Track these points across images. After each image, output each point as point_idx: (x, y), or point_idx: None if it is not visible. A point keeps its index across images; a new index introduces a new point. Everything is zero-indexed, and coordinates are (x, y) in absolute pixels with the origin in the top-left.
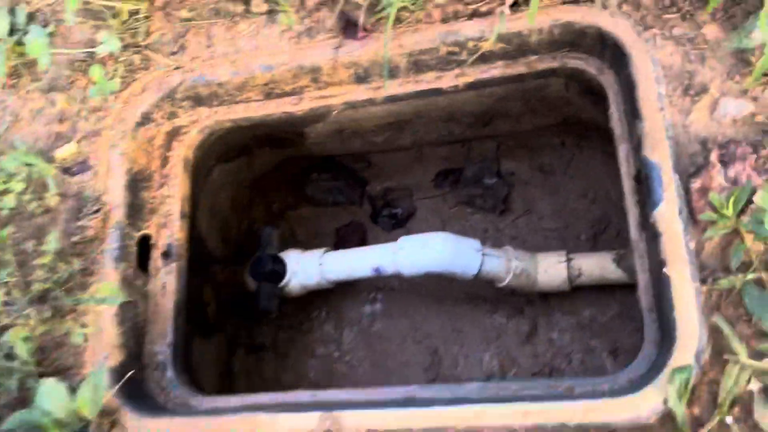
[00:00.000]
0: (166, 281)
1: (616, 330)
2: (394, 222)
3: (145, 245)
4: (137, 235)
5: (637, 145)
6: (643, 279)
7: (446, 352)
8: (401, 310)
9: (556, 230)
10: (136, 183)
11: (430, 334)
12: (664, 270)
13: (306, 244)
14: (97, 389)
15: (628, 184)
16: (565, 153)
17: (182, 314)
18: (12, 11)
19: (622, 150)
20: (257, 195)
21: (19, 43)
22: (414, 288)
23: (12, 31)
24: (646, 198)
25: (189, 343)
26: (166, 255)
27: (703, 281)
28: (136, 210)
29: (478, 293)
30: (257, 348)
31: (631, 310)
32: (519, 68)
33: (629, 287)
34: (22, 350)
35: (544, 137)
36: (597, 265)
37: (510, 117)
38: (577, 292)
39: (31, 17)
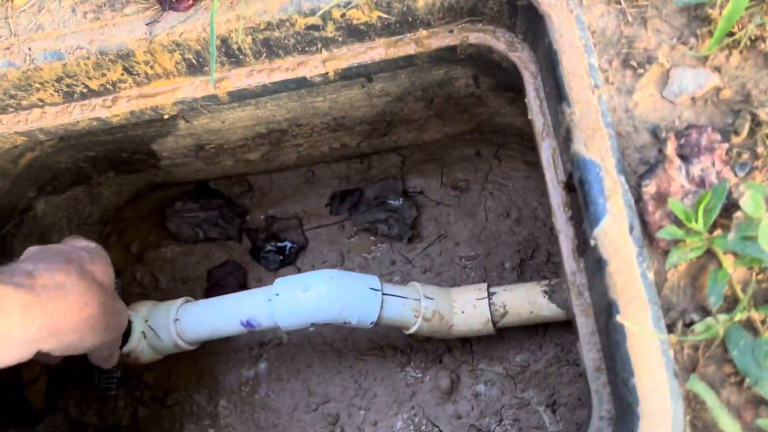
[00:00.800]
0: None
1: (553, 377)
2: (281, 258)
3: None
4: None
5: (565, 139)
6: (584, 327)
7: (350, 419)
8: (292, 370)
9: (476, 258)
10: None
11: (329, 398)
12: (616, 318)
13: (170, 292)
14: None
15: (556, 195)
16: (482, 165)
17: None
18: None
19: (546, 148)
20: (111, 234)
21: None
22: (306, 340)
23: None
24: (583, 211)
25: None
26: None
27: (670, 328)
28: None
29: (386, 342)
30: (111, 430)
31: (570, 352)
32: (406, 48)
33: (565, 323)
34: None
35: (456, 148)
36: (525, 300)
37: (412, 124)
38: (504, 332)
39: None
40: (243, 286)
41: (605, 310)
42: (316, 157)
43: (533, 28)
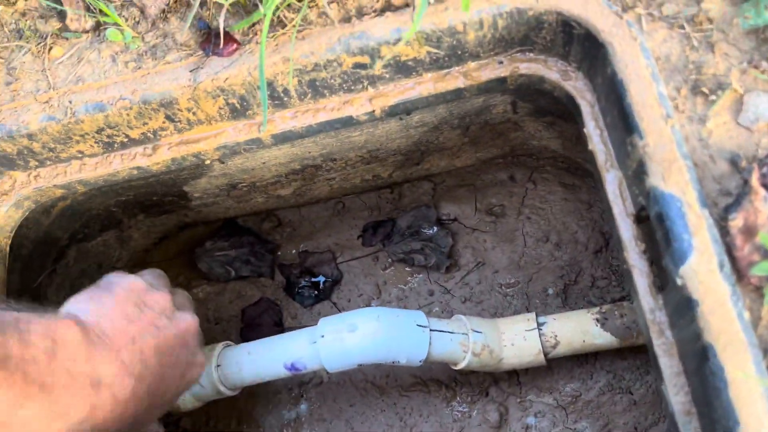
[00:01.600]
0: None
1: (607, 406)
2: (316, 293)
3: None
4: None
5: (636, 171)
6: (669, 368)
7: None
8: (334, 410)
9: (517, 285)
10: None
11: None
12: (715, 360)
13: (205, 334)
14: None
15: (626, 229)
16: (517, 189)
17: None
18: None
19: (612, 180)
20: None
21: None
22: (347, 378)
23: None
24: (663, 248)
25: None
26: None
27: None
28: None
29: (430, 377)
30: None
31: (623, 380)
32: (455, 81)
33: (617, 351)
34: None
35: (489, 173)
36: (577, 330)
37: (446, 151)
38: (552, 361)
39: None
40: (278, 323)
41: (698, 354)
42: (347, 189)
43: (591, 57)
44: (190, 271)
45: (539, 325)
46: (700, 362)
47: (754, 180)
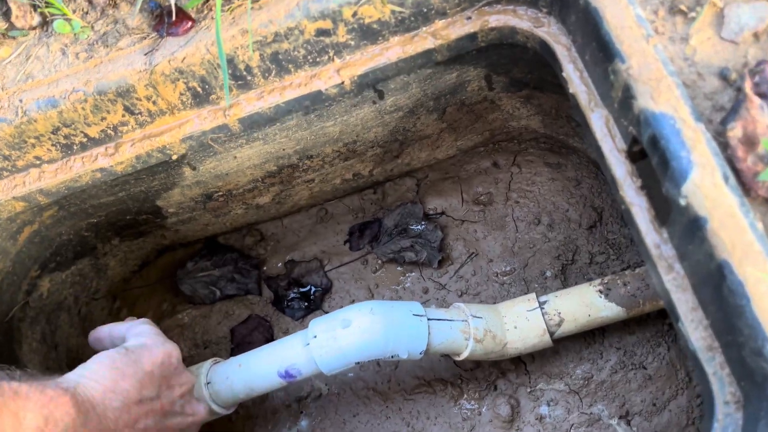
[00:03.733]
0: None
1: (621, 385)
2: (306, 304)
3: None
4: None
5: (622, 100)
6: (683, 303)
7: None
8: (337, 423)
9: (513, 272)
10: None
11: None
12: (733, 276)
13: (194, 359)
14: None
15: (619, 166)
16: (502, 176)
17: None
18: None
19: (597, 119)
20: (122, 308)
21: None
22: (347, 387)
23: None
24: (660, 173)
25: None
26: None
27: None
28: None
29: (433, 376)
30: None
31: (634, 355)
32: (424, 43)
33: (624, 324)
34: None
35: (471, 162)
36: (580, 304)
37: (425, 141)
38: (558, 344)
39: None
40: (270, 340)
41: (714, 276)
42: (328, 192)
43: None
44: (173, 296)
45: (541, 304)
46: (716, 285)
47: (748, 89)
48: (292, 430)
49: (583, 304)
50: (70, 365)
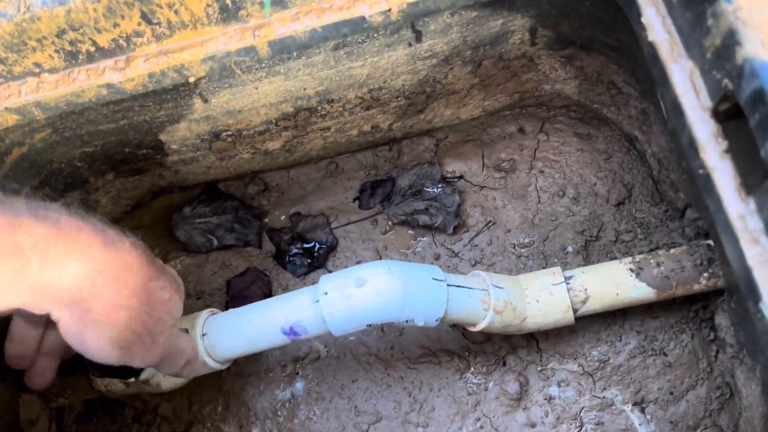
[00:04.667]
0: None
1: (638, 370)
2: (310, 261)
3: None
4: None
5: (720, 49)
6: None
7: None
8: (334, 387)
9: (532, 245)
10: None
11: (380, 417)
12: None
13: (186, 310)
14: None
15: (703, 127)
16: (527, 142)
17: None
18: None
19: (680, 71)
20: None
21: None
22: (348, 351)
23: None
24: (761, 134)
25: None
26: None
27: None
28: None
29: (439, 347)
30: None
31: (655, 340)
32: None
33: (646, 308)
34: None
35: (495, 126)
36: (609, 282)
37: (453, 96)
38: (576, 324)
39: None
40: (268, 295)
41: None
42: (342, 144)
43: None
44: (167, 242)
45: (566, 279)
46: None
47: None
48: (285, 391)
49: (613, 283)
50: None
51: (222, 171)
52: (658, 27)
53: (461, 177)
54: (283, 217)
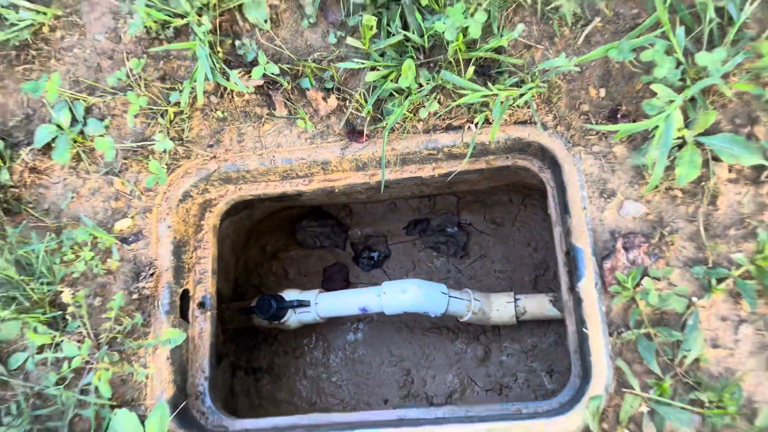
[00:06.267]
0: (203, 327)
1: (552, 354)
2: (373, 263)
3: (185, 298)
4: (179, 290)
5: (566, 232)
6: (570, 330)
7: (417, 373)
8: (379, 339)
9: (505, 272)
10: (179, 249)
11: (403, 358)
12: (585, 329)
13: (296, 282)
14: (163, 418)
15: (561, 258)
16: (513, 209)
17: (215, 353)
18: (72, 105)
19: (557, 232)
20: (252, 237)
21: (80, 132)
22: (390, 320)
23: (73, 121)
24: (573, 271)
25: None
26: (202, 305)
27: (611, 334)
28: (178, 271)
29: (443, 324)
30: (255, 370)
31: (564, 340)
32: (480, 164)
33: (562, 322)
34: (104, 389)
35: (496, 195)
36: (538, 305)
37: (468, 182)
38: (522, 324)
39: (88, 111)
40: (346, 280)
41: (581, 323)
42: (400, 196)
43: (553, 167)
44: (287, 238)
45: (515, 300)
46: (581, 327)
47: (619, 244)
48: (351, 335)
49: (540, 307)
50: (226, 269)
51: (327, 202)
52: (553, 209)
53: (470, 224)
54: (359, 233)
